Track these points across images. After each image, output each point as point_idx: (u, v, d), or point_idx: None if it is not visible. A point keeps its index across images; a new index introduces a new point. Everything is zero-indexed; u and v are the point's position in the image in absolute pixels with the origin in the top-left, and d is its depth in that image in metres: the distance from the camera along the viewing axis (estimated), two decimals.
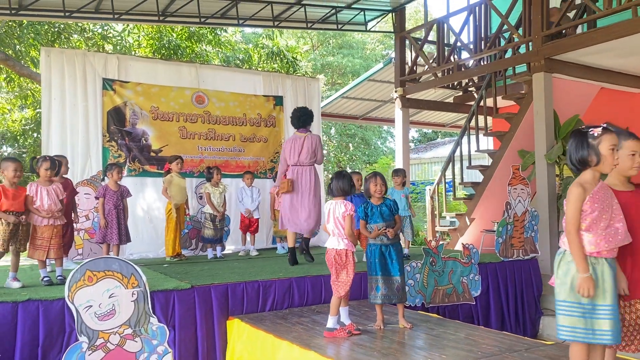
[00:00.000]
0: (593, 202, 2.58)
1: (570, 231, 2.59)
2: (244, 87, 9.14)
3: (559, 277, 2.65)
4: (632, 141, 2.84)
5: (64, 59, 7.69)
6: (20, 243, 4.90)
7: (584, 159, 2.65)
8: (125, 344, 4.34)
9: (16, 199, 4.83)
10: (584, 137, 2.67)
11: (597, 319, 2.52)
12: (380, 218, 4.32)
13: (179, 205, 6.91)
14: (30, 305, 4.18)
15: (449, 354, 3.49)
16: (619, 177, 2.87)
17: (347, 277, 3.99)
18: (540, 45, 7.67)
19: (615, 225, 2.60)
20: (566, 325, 2.59)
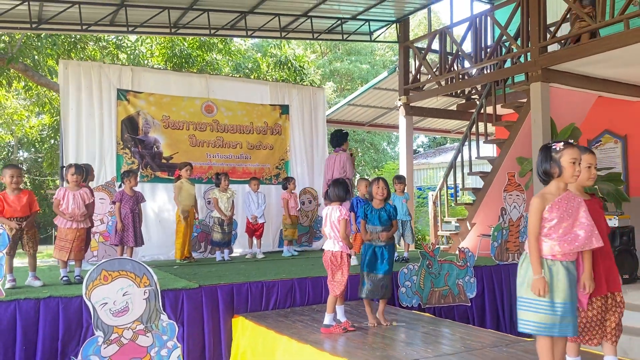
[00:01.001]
0: (552, 210, 2.85)
1: (529, 237, 2.88)
2: (252, 96, 9.50)
3: (520, 275, 2.92)
4: (588, 155, 3.13)
5: (81, 71, 8.10)
6: (29, 246, 5.17)
7: (547, 171, 2.93)
8: (137, 339, 4.68)
9: (18, 204, 5.09)
10: (548, 151, 2.95)
11: (553, 314, 2.78)
12: (378, 221, 4.63)
13: (187, 210, 7.26)
14: (51, 302, 4.52)
15: (432, 348, 3.79)
16: (577, 187, 3.15)
17: (342, 278, 4.30)
18: (537, 55, 7.93)
19: (576, 232, 2.86)
20: (526, 320, 2.85)
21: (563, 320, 2.77)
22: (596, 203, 3.19)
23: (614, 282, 3.08)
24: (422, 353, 3.66)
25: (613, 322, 3.03)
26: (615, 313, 3.05)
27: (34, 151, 18.37)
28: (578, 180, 3.11)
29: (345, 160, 7.30)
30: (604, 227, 3.16)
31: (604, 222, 3.19)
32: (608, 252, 3.12)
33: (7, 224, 5.01)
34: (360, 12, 10.16)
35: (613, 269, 3.09)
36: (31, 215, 5.20)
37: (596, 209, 3.14)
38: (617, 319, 3.04)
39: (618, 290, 3.09)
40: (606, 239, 3.13)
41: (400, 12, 10.54)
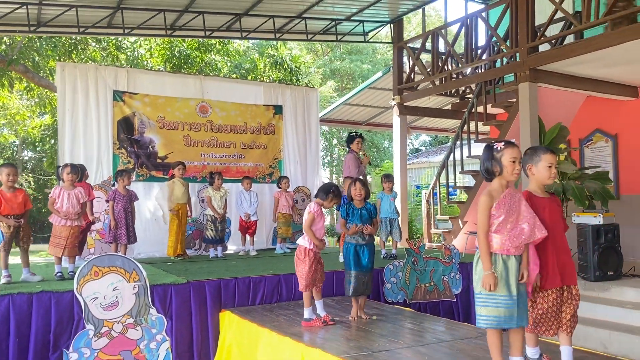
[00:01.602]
0: (499, 207, 2.99)
1: (479, 234, 3.01)
2: (245, 97, 9.69)
3: (477, 272, 3.04)
4: (549, 155, 3.26)
5: (78, 73, 8.31)
6: (23, 241, 5.38)
7: (489, 169, 3.07)
8: (127, 332, 4.87)
9: (15, 202, 5.28)
10: (490, 151, 3.09)
11: (512, 307, 2.91)
12: (360, 220, 4.81)
13: (178, 208, 7.44)
14: (44, 296, 4.71)
15: (405, 340, 3.95)
16: (538, 185, 3.29)
17: (302, 271, 4.51)
18: (525, 56, 8.06)
19: (521, 226, 2.99)
20: (486, 315, 2.97)
21: (520, 311, 2.91)
22: (555, 202, 3.33)
23: (570, 276, 3.21)
24: (394, 344, 3.83)
25: (568, 314, 3.17)
26: (570, 305, 3.19)
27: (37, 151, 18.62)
28: (539, 179, 3.26)
29: (348, 160, 7.57)
30: (562, 225, 3.29)
31: (562, 221, 3.33)
32: (565, 248, 3.25)
33: (5, 221, 5.20)
34: (354, 13, 10.32)
35: (569, 264, 3.23)
36: (26, 213, 5.40)
37: (554, 207, 3.28)
38: (572, 311, 3.18)
39: (574, 284, 3.23)
40: (563, 236, 3.28)
41: (394, 13, 10.68)
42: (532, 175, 3.28)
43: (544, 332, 3.18)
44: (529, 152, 3.34)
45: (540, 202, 3.19)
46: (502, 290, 2.93)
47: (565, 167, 7.75)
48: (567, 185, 7.63)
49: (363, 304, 4.86)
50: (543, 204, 3.19)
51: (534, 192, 3.25)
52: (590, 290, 6.92)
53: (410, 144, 30.63)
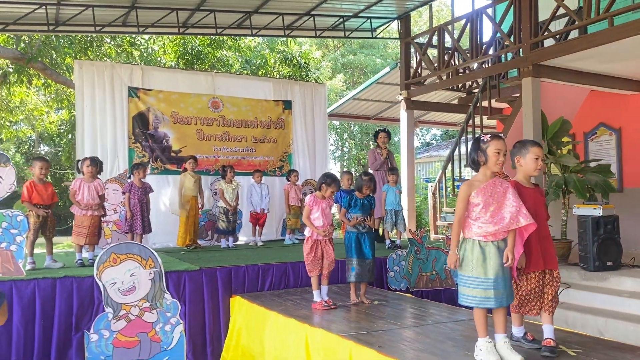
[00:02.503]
0: (478, 195, 3.21)
1: (455, 219, 3.26)
2: (256, 92, 9.99)
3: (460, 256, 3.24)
4: (536, 147, 3.49)
5: (94, 71, 8.65)
6: (49, 231, 5.78)
7: (475, 159, 3.29)
8: (143, 315, 5.20)
9: (45, 193, 5.71)
10: (477, 142, 3.32)
11: (486, 288, 3.14)
12: (361, 210, 5.08)
13: (188, 201, 7.75)
14: (66, 281, 5.04)
15: (403, 321, 4.23)
16: (525, 176, 3.53)
17: (306, 257, 4.85)
18: (528, 51, 8.24)
19: (502, 214, 3.21)
20: (465, 294, 3.21)
21: (497, 293, 3.14)
22: (539, 192, 3.55)
23: (551, 261, 3.44)
24: (391, 325, 4.10)
25: (550, 295, 3.41)
26: (552, 287, 3.42)
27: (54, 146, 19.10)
28: (526, 170, 3.49)
29: (369, 154, 8.39)
30: (544, 214, 3.52)
31: (545, 210, 3.55)
32: (546, 235, 3.47)
33: (35, 210, 5.58)
34: (361, 9, 10.52)
35: (550, 250, 3.45)
36: (52, 205, 5.78)
37: (538, 197, 3.51)
38: (553, 292, 3.41)
39: (555, 268, 3.45)
40: (545, 224, 3.51)
41: (402, 9, 10.87)
42: (520, 167, 3.51)
43: (527, 312, 3.43)
44: (518, 145, 3.57)
45: (526, 192, 3.42)
46: (478, 273, 3.15)
47: (567, 160, 7.92)
48: (568, 178, 7.80)
49: (364, 290, 5.13)
50: (528, 194, 3.42)
51: (521, 183, 3.49)
52: (589, 280, 7.11)
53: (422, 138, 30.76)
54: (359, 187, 5.14)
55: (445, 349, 3.47)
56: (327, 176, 4.98)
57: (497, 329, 3.23)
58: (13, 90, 14.14)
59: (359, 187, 5.13)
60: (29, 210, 5.63)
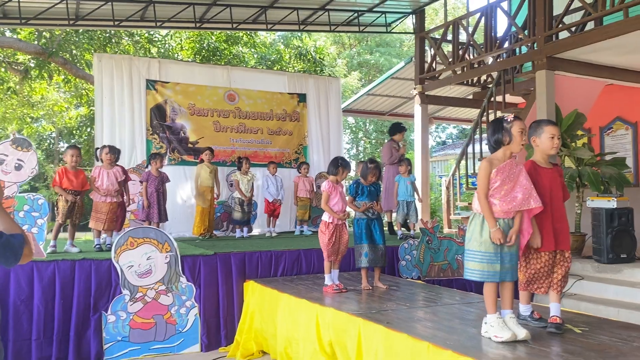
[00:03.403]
0: (497, 174, 3.27)
1: (480, 196, 3.27)
2: (271, 85, 10.13)
3: (469, 232, 3.33)
4: (551, 126, 3.53)
5: (113, 64, 8.84)
6: (76, 217, 5.97)
7: (500, 139, 3.34)
8: (159, 298, 5.33)
9: (75, 180, 5.91)
10: (501, 123, 3.37)
11: (494, 263, 3.21)
12: (368, 197, 5.16)
13: (203, 191, 7.88)
14: (85, 263, 5.19)
15: (412, 303, 4.29)
16: (542, 156, 3.57)
17: (323, 242, 4.98)
18: (543, 44, 8.23)
19: (514, 194, 3.27)
20: (471, 269, 3.28)
21: (502, 268, 3.21)
22: (557, 172, 3.58)
23: (564, 241, 3.47)
24: (400, 306, 4.17)
25: (560, 275, 3.45)
26: (562, 267, 3.46)
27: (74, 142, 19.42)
28: (543, 150, 3.53)
29: (385, 148, 8.56)
30: (561, 194, 3.55)
31: (562, 190, 3.58)
32: (562, 216, 3.50)
33: (64, 195, 5.78)
34: (376, 4, 10.58)
35: (564, 230, 3.49)
36: (83, 192, 5.99)
37: (555, 177, 3.53)
38: (563, 272, 3.45)
39: (567, 249, 3.49)
40: (561, 205, 3.54)
41: (416, 3, 10.90)
42: (537, 147, 3.56)
43: (535, 290, 3.48)
44: (534, 125, 3.62)
45: (542, 172, 3.48)
46: (487, 247, 3.22)
47: (581, 153, 7.90)
48: (583, 171, 7.79)
49: (378, 274, 5.20)
50: (545, 174, 3.48)
51: (538, 163, 3.54)
52: (603, 272, 7.10)
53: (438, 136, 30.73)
54: (364, 175, 5.20)
55: (452, 326, 3.53)
56: (342, 159, 5.09)
57: (504, 305, 3.28)
58: (34, 86, 14.45)
59: (364, 175, 5.20)
60: (59, 195, 5.83)
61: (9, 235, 2.23)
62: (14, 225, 2.37)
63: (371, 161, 5.27)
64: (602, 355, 2.83)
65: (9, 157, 5.18)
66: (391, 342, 3.32)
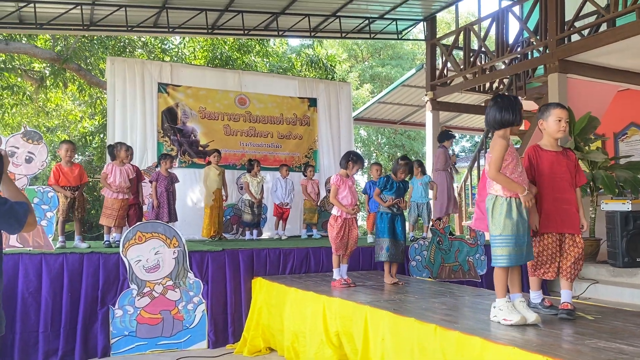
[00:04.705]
0: (510, 153, 3.22)
1: (494, 172, 3.14)
2: (281, 90, 10.18)
3: (494, 217, 3.19)
4: (559, 109, 3.47)
5: (126, 67, 8.96)
6: (79, 211, 5.95)
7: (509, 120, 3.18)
8: (167, 293, 5.31)
9: (71, 175, 5.89)
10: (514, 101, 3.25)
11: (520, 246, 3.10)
12: (396, 193, 5.20)
13: (212, 193, 7.88)
14: (93, 257, 5.18)
15: (420, 296, 4.22)
16: (549, 139, 3.50)
17: (332, 236, 4.93)
18: (554, 47, 8.20)
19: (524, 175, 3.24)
20: (503, 254, 3.13)
21: (528, 248, 3.15)
22: (563, 155, 3.48)
23: (571, 224, 3.38)
24: (408, 297, 4.11)
25: (569, 261, 3.35)
26: (572, 252, 3.36)
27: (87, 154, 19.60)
28: (550, 133, 3.46)
29: (439, 154, 8.57)
30: (567, 177, 3.45)
31: (569, 173, 3.47)
32: (567, 199, 3.42)
33: (62, 192, 5.77)
34: (387, 11, 10.63)
35: (570, 214, 3.39)
36: (81, 186, 5.97)
37: (560, 160, 3.45)
38: (573, 258, 3.35)
39: (576, 232, 3.40)
40: (568, 188, 3.44)
41: (428, 10, 10.94)
42: (544, 130, 3.50)
43: (543, 275, 3.40)
44: (542, 109, 3.56)
45: (544, 155, 3.42)
46: (515, 230, 3.12)
47: (595, 156, 7.81)
48: (597, 174, 7.69)
49: (395, 270, 5.16)
50: (547, 157, 3.42)
51: (543, 146, 3.48)
52: (618, 276, 6.97)
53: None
54: (394, 171, 5.27)
55: (462, 313, 3.47)
56: (354, 154, 5.08)
57: (513, 289, 3.21)
58: (49, 95, 14.64)
59: (395, 171, 5.26)
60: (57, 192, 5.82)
61: (13, 202, 2.25)
62: (19, 194, 2.40)
63: (402, 158, 5.32)
64: (614, 337, 2.75)
65: (20, 150, 5.22)
66: (398, 328, 3.26)
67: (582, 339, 2.74)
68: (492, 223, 3.24)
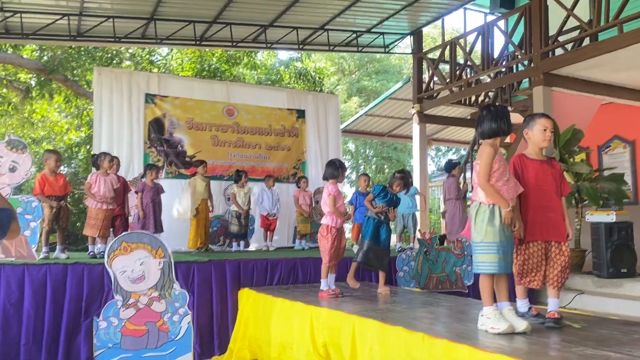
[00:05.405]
0: (498, 160, 3.25)
1: (482, 181, 3.19)
2: (270, 101, 10.18)
3: (477, 224, 3.23)
4: (544, 119, 3.52)
5: (113, 77, 8.91)
6: (63, 221, 5.90)
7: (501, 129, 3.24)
8: (152, 305, 5.23)
9: (56, 185, 5.87)
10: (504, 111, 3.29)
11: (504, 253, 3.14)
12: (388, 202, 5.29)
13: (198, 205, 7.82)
14: (77, 267, 5.12)
15: (408, 305, 4.21)
16: (534, 149, 3.54)
17: (325, 247, 4.87)
18: (539, 60, 8.31)
19: (515, 181, 3.27)
20: (485, 261, 3.17)
21: (506, 257, 3.16)
22: (548, 164, 3.53)
23: (556, 232, 3.41)
24: (396, 307, 4.10)
25: (556, 269, 3.37)
26: (558, 260, 3.38)
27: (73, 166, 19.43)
28: (535, 142, 3.51)
29: (450, 184, 8.69)
30: (552, 187, 3.48)
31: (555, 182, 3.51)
32: (553, 207, 3.45)
33: (47, 202, 5.71)
34: (374, 24, 10.71)
35: (556, 221, 3.41)
36: (66, 195, 5.92)
37: (545, 169, 3.49)
38: (560, 266, 3.37)
39: (562, 240, 3.43)
40: (554, 196, 3.47)
41: (414, 24, 11.04)
42: (529, 139, 3.54)
43: (529, 283, 3.41)
44: (527, 119, 3.61)
45: (530, 164, 3.46)
46: (498, 237, 3.15)
47: (579, 168, 7.89)
48: (581, 186, 7.77)
49: (383, 280, 5.15)
50: (532, 166, 3.45)
51: (528, 155, 3.51)
52: (603, 287, 7.00)
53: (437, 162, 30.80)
54: (391, 183, 5.42)
55: (449, 322, 3.47)
56: (339, 161, 5.11)
57: (501, 297, 3.22)
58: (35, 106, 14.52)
59: (391, 184, 5.42)
60: (42, 202, 5.76)
61: None
62: (3, 200, 2.35)
63: (399, 171, 5.50)
64: (601, 345, 2.76)
65: (4, 159, 5.16)
66: (386, 336, 3.25)
67: (570, 346, 2.75)
68: (474, 230, 3.29)
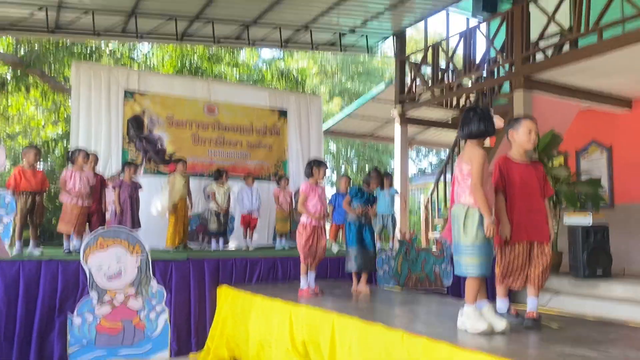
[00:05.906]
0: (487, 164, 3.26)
1: (475, 187, 3.18)
2: (252, 100, 10.08)
3: (467, 227, 3.20)
4: (529, 121, 3.53)
5: (92, 73, 8.73)
6: (37, 216, 5.76)
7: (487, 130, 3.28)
8: (129, 302, 5.17)
9: (33, 180, 5.73)
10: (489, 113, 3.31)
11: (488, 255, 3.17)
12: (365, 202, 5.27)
13: (176, 203, 7.72)
14: (52, 264, 5.01)
15: (388, 304, 4.20)
16: (519, 151, 3.55)
17: (300, 244, 4.92)
18: (520, 65, 8.39)
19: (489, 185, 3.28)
20: (474, 264, 3.16)
21: (490, 259, 3.17)
22: (532, 167, 3.56)
23: (540, 233, 3.43)
24: (376, 305, 4.08)
25: (538, 269, 3.38)
26: (540, 261, 3.39)
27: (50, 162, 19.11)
28: (520, 144, 3.51)
29: None
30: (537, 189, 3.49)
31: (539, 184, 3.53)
32: (538, 208, 3.46)
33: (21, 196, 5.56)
34: (358, 25, 10.71)
35: (540, 223, 3.44)
36: (42, 191, 5.79)
37: (530, 171, 3.51)
38: (542, 267, 3.38)
39: (545, 241, 3.44)
40: (538, 198, 3.49)
41: (397, 26, 11.07)
42: (514, 142, 3.54)
43: (511, 284, 3.41)
44: (512, 121, 3.61)
45: (514, 167, 3.46)
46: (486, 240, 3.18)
47: (558, 172, 7.99)
48: (559, 189, 7.87)
49: (365, 279, 5.14)
50: (517, 168, 3.46)
51: (512, 157, 3.52)
52: (579, 288, 7.09)
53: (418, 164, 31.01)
54: (366, 181, 5.60)
55: (429, 320, 3.46)
56: (314, 160, 5.08)
57: (480, 296, 3.22)
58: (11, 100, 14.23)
59: (367, 181, 5.59)
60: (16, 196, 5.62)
61: None
62: None
63: (374, 170, 5.67)
64: (578, 344, 2.77)
65: None
66: (365, 334, 3.22)
67: (548, 345, 2.76)
68: (463, 233, 3.25)
